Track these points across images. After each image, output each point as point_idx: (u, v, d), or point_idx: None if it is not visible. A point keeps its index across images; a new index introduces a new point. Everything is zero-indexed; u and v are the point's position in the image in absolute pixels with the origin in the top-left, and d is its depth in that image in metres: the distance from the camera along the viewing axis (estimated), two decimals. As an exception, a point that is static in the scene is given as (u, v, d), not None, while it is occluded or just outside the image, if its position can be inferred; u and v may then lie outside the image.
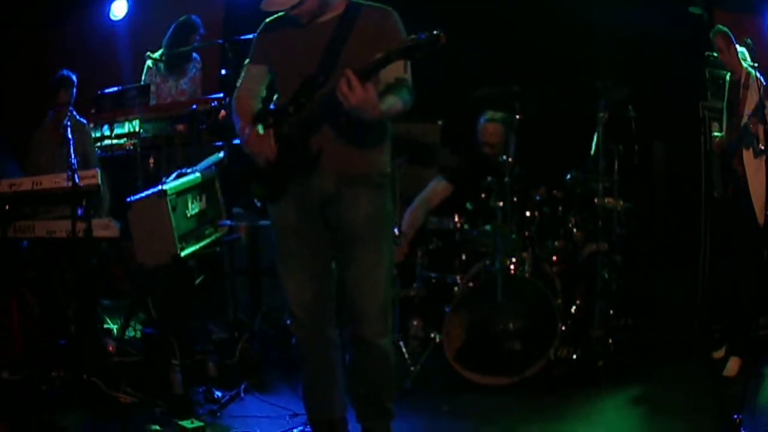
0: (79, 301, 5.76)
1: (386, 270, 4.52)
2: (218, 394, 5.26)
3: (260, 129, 4.32)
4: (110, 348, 5.66)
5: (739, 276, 6.16)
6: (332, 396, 4.62)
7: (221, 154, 5.72)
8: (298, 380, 5.30)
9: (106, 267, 6.26)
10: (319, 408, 4.63)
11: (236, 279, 6.29)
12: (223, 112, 6.09)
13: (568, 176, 6.66)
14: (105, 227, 5.65)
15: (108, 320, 6.29)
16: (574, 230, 6.62)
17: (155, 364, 5.38)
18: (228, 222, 5.85)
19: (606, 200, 6.39)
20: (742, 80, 5.80)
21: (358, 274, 4.43)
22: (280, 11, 4.32)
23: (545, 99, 6.43)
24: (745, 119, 5.75)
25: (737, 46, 5.89)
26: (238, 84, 4.57)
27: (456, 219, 6.38)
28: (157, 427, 4.72)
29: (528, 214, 6.46)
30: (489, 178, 6.28)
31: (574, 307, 6.38)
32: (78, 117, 6.49)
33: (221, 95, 6.20)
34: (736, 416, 4.66)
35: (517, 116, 6.19)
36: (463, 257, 6.43)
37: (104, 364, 5.40)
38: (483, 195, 6.32)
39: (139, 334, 6.02)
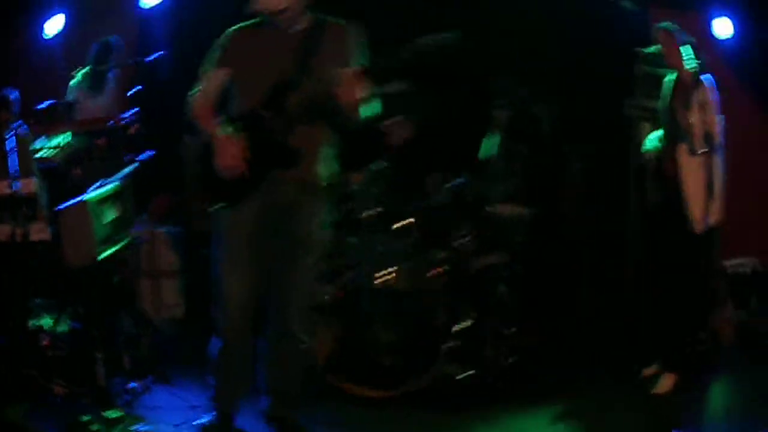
0: (16, 300, 5.84)
1: (316, 275, 4.75)
2: (133, 385, 5.40)
3: (226, 132, 4.36)
4: (45, 342, 5.72)
5: (674, 288, 5.60)
6: (239, 394, 4.80)
7: (134, 166, 5.82)
8: (195, 372, 5.50)
9: (40, 268, 6.36)
10: (228, 401, 4.79)
11: (141, 280, 6.46)
12: (135, 127, 6.20)
13: (456, 182, 5.93)
14: (40, 231, 5.80)
15: (42, 317, 6.23)
16: (463, 240, 5.81)
17: (81, 357, 5.45)
18: (138, 228, 5.98)
19: (502, 207, 5.80)
20: (685, 79, 5.38)
21: (298, 276, 4.57)
22: (266, 12, 4.38)
23: (427, 99, 5.94)
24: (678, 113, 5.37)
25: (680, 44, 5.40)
26: (194, 92, 4.53)
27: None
28: (88, 418, 4.84)
29: (402, 224, 5.73)
30: (354, 186, 5.81)
31: (461, 325, 5.53)
32: (24, 129, 6.42)
33: (133, 112, 6.27)
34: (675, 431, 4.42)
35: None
36: (331, 267, 5.62)
37: (40, 358, 5.51)
38: (348, 204, 5.81)
39: (68, 329, 6.02)
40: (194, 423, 4.93)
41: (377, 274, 5.52)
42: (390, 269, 5.54)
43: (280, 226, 4.53)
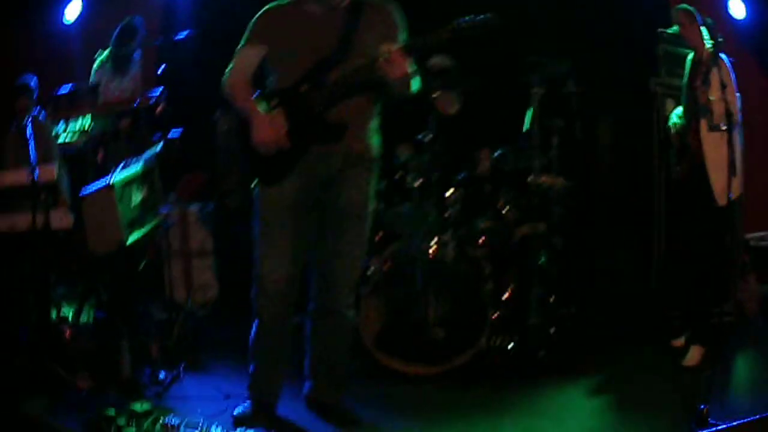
0: (37, 290, 5.59)
1: (365, 248, 4.60)
2: (162, 375, 5.12)
3: (263, 108, 4.34)
4: (67, 334, 5.52)
5: (699, 260, 5.69)
6: (279, 380, 4.58)
7: (160, 146, 5.65)
8: (230, 358, 5.38)
9: (61, 256, 6.17)
10: (266, 389, 4.58)
11: (171, 262, 6.16)
12: (161, 107, 6.02)
13: (497, 153, 6.06)
14: (61, 219, 5.54)
15: (64, 307, 6.07)
16: (505, 210, 5.95)
17: (106, 348, 5.25)
18: (165, 209, 5.77)
19: (542, 178, 5.80)
20: (704, 58, 5.45)
21: (344, 249, 4.46)
22: None
23: (472, 72, 5.83)
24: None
25: (701, 25, 5.50)
26: (229, 68, 4.46)
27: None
28: (113, 412, 4.50)
29: (449, 193, 5.79)
30: (404, 156, 5.81)
31: (507, 293, 5.64)
32: (43, 116, 6.34)
33: (159, 91, 6.11)
34: (702, 406, 4.31)
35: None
36: (379, 236, 5.74)
37: (62, 350, 5.28)
38: (399, 173, 5.84)
39: (91, 319, 5.86)
40: (230, 413, 4.65)
41: (427, 244, 5.46)
42: (437, 239, 5.50)
43: (325, 200, 4.46)
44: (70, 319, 5.90)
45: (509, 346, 5.45)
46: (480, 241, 5.76)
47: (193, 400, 4.94)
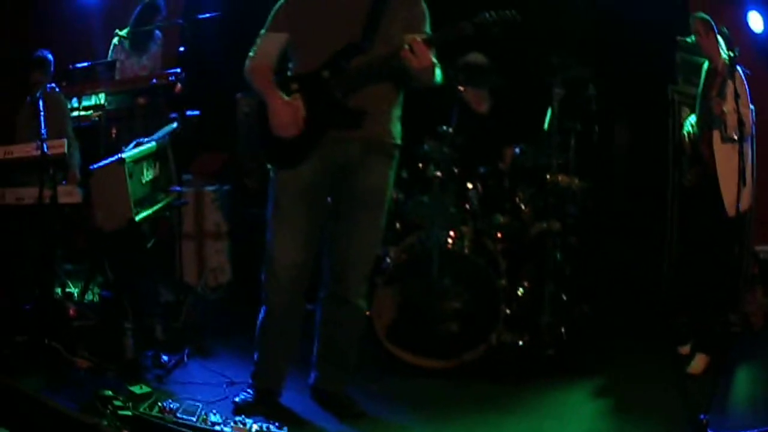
0: (42, 266, 5.54)
1: (380, 237, 4.52)
2: (165, 358, 5.00)
3: (283, 96, 4.29)
4: (71, 312, 5.44)
5: (707, 269, 5.65)
6: (284, 369, 4.49)
7: (175, 125, 5.57)
8: (237, 345, 5.26)
9: (68, 232, 6.04)
10: (270, 378, 4.49)
11: (183, 242, 6.07)
12: (179, 86, 5.96)
13: (517, 149, 5.99)
14: (69, 194, 5.55)
15: (69, 284, 6.04)
16: (522, 206, 5.91)
17: (110, 328, 5.14)
18: (177, 188, 5.65)
19: (559, 177, 5.76)
20: (719, 68, 5.38)
21: (358, 237, 4.40)
22: None
23: (496, 72, 5.97)
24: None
25: (717, 35, 5.45)
26: (252, 52, 4.42)
27: (392, 190, 5.68)
28: (109, 392, 4.37)
29: (470, 186, 5.80)
30: (426, 146, 5.67)
31: (521, 290, 5.65)
32: (57, 90, 6.26)
33: (178, 70, 6.08)
34: (702, 416, 4.27)
35: (460, 88, 5.85)
36: (397, 227, 5.70)
37: (65, 328, 5.21)
38: (420, 164, 5.71)
39: (96, 298, 5.82)
40: (231, 400, 4.53)
41: (445, 236, 5.43)
42: (455, 231, 5.48)
43: (341, 186, 4.39)
44: (75, 296, 5.85)
45: (519, 343, 5.39)
46: (498, 235, 5.73)
47: (195, 386, 4.81)
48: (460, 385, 5.12)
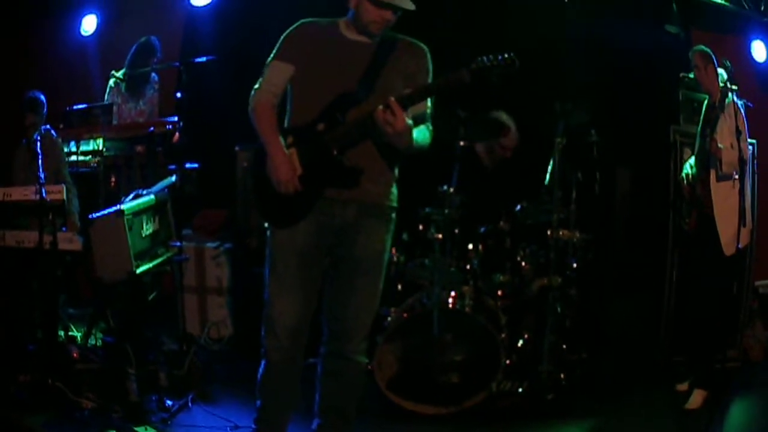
0: (44, 308, 5.58)
1: (378, 299, 4.42)
2: (169, 402, 5.11)
3: (285, 149, 4.12)
4: (74, 354, 5.48)
5: (707, 309, 5.60)
6: (286, 417, 4.52)
7: (174, 178, 5.59)
8: (239, 392, 5.36)
9: (70, 277, 6.10)
10: (273, 425, 4.49)
11: (184, 295, 6.10)
12: (177, 135, 5.89)
13: (518, 207, 5.99)
14: (69, 241, 5.54)
15: (73, 328, 6.13)
16: (523, 263, 5.94)
17: (113, 372, 5.22)
18: (178, 243, 5.66)
19: (561, 232, 5.72)
20: (717, 103, 5.28)
21: (356, 301, 4.31)
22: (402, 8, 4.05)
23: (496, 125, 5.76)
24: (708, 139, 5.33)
25: (717, 68, 5.37)
26: (258, 84, 4.22)
27: (392, 251, 5.52)
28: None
29: (470, 246, 5.79)
30: (427, 209, 5.68)
31: (521, 341, 5.72)
32: (52, 133, 6.25)
33: (176, 119, 5.99)
34: None
35: (461, 143, 5.67)
36: (399, 288, 5.80)
37: (68, 370, 5.25)
38: (421, 226, 5.76)
39: (100, 343, 5.88)
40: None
41: (446, 295, 5.44)
42: (455, 291, 5.50)
43: (339, 248, 4.28)
44: (78, 340, 5.92)
45: (519, 390, 5.47)
46: (498, 293, 5.81)
47: (199, 429, 4.95)
48: (461, 429, 5.20)
